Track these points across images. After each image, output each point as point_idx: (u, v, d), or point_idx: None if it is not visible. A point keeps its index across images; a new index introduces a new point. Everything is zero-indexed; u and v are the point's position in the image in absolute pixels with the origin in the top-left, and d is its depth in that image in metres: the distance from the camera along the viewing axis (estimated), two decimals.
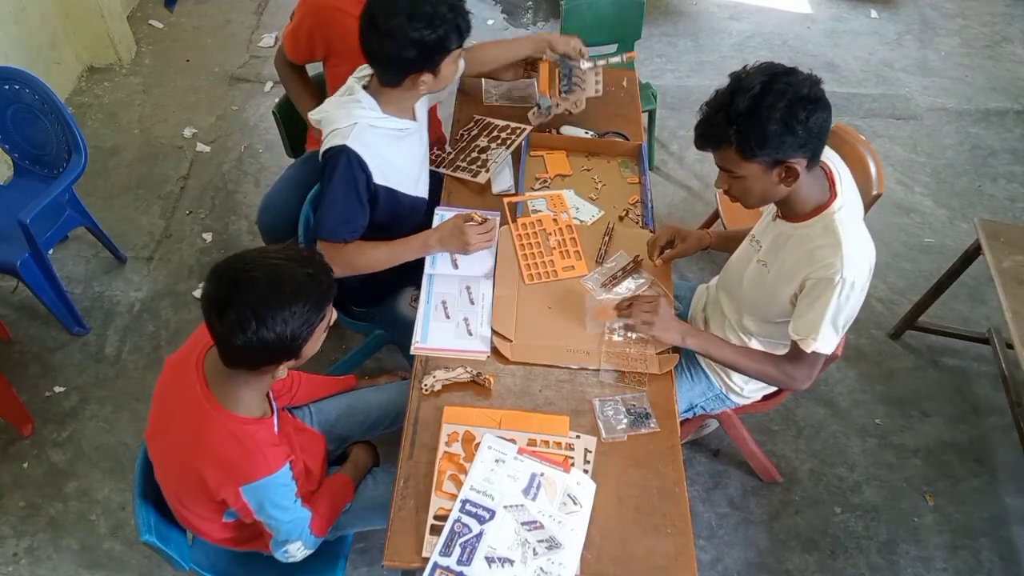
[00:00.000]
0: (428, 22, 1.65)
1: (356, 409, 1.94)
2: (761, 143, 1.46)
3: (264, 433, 1.46)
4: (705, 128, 1.53)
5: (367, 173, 1.81)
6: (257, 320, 1.27)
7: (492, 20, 4.23)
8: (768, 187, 1.56)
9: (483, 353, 1.80)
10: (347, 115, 1.80)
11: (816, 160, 1.54)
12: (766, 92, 1.43)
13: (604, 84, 2.51)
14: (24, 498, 2.35)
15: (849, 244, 1.56)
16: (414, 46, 1.67)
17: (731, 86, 1.48)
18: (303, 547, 1.60)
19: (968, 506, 2.48)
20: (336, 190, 1.80)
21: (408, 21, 1.64)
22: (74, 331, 2.73)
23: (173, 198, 3.20)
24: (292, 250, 1.38)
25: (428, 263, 1.97)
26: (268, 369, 1.38)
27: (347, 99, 1.83)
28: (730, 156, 1.52)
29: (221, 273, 1.32)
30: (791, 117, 1.43)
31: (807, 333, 1.64)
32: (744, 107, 1.44)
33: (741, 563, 2.32)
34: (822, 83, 1.49)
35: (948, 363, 2.85)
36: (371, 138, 1.80)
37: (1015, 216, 3.41)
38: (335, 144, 1.78)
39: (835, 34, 4.31)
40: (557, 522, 1.52)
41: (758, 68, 1.48)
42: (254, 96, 3.67)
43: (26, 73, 2.44)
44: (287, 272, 1.31)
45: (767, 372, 1.76)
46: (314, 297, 1.33)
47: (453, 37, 1.71)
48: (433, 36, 1.67)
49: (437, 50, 1.71)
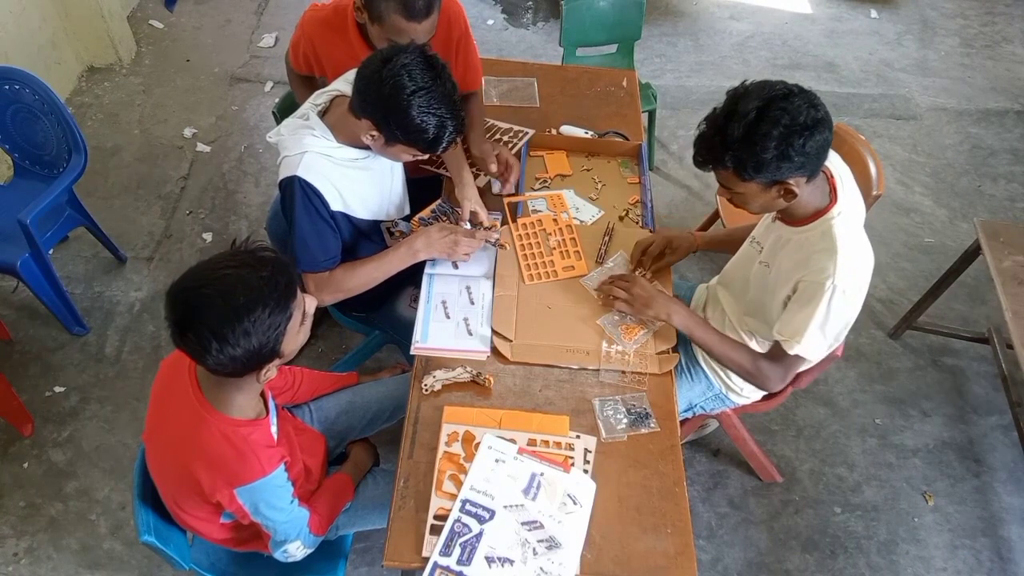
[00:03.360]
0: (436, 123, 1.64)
1: (356, 404, 1.94)
2: (757, 168, 1.46)
3: (258, 435, 1.45)
4: (702, 150, 1.53)
5: (322, 200, 1.77)
6: (218, 340, 1.24)
7: (492, 20, 4.23)
8: (767, 202, 1.57)
9: (483, 353, 1.80)
10: (297, 143, 1.75)
11: (816, 174, 1.54)
12: (762, 119, 1.42)
13: (605, 85, 2.52)
14: (24, 498, 2.35)
15: (844, 251, 1.56)
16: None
17: (727, 108, 1.47)
18: (302, 547, 1.59)
19: (968, 506, 2.48)
20: (302, 222, 1.77)
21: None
22: (74, 331, 2.73)
23: (173, 198, 3.21)
24: (245, 254, 1.32)
25: (428, 263, 1.97)
26: (253, 374, 1.36)
27: (300, 124, 1.78)
28: (727, 176, 1.53)
29: (174, 295, 1.28)
30: (787, 145, 1.42)
31: (792, 335, 1.64)
32: (739, 134, 1.44)
33: (741, 563, 2.32)
34: (818, 103, 1.45)
35: (948, 363, 2.85)
36: (322, 167, 1.75)
37: (1015, 216, 3.41)
38: (286, 175, 1.75)
39: (835, 34, 4.31)
40: (557, 522, 1.52)
41: (755, 89, 1.46)
42: (254, 96, 3.67)
43: (26, 73, 2.44)
44: (239, 281, 1.27)
45: (741, 364, 1.76)
46: (273, 300, 1.28)
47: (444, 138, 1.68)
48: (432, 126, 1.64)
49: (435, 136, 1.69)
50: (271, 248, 1.36)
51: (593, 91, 2.53)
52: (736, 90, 1.48)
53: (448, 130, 1.66)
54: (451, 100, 1.64)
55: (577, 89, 2.53)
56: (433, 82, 1.61)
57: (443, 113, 1.62)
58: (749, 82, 1.49)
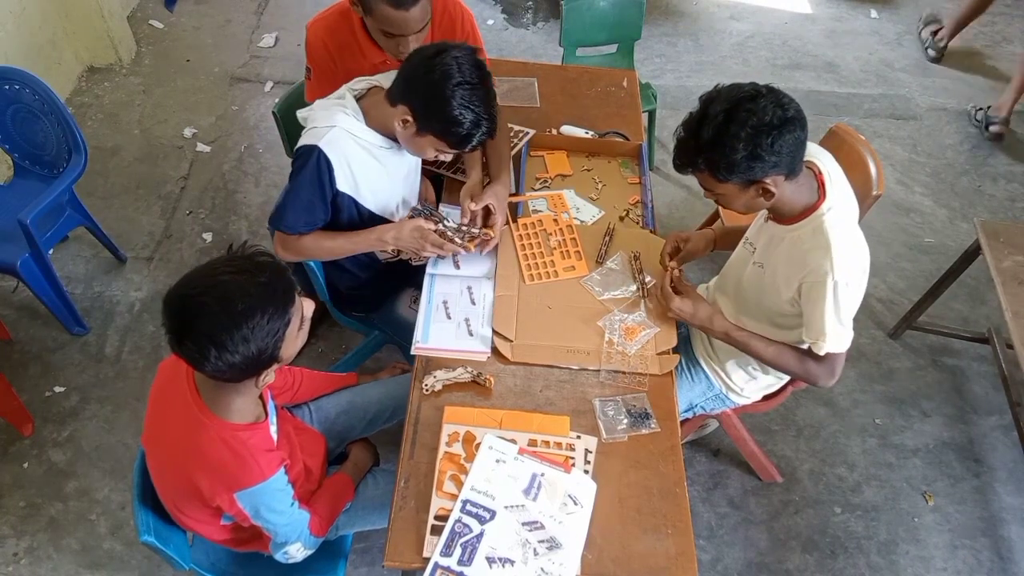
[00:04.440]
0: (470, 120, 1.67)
1: (356, 404, 1.94)
2: (729, 169, 1.50)
3: (257, 439, 1.44)
4: (678, 154, 1.58)
5: (332, 177, 1.79)
6: (216, 347, 1.23)
7: (492, 20, 4.23)
8: (748, 201, 1.60)
9: (484, 353, 1.80)
10: (329, 116, 1.78)
11: (795, 172, 1.55)
12: (730, 120, 1.46)
13: (605, 85, 2.51)
14: (24, 498, 2.35)
15: (838, 246, 1.57)
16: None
17: (699, 112, 1.51)
18: (303, 548, 1.59)
19: (968, 506, 2.48)
20: (301, 186, 1.79)
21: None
22: (74, 331, 2.73)
23: (173, 198, 3.20)
24: (242, 260, 1.31)
25: (430, 264, 1.96)
26: (251, 379, 1.35)
27: (334, 102, 1.82)
28: (705, 179, 1.57)
29: (171, 303, 1.27)
30: (755, 145, 1.45)
31: (816, 337, 1.66)
32: (709, 136, 1.48)
33: (741, 563, 2.32)
34: (786, 102, 1.47)
35: (948, 363, 2.85)
36: (345, 145, 1.77)
37: (1015, 216, 3.41)
38: (308, 143, 1.77)
39: (835, 34, 4.31)
40: (558, 522, 1.52)
41: (724, 92, 1.50)
42: (254, 96, 3.67)
43: (26, 73, 2.44)
44: (237, 288, 1.25)
45: (788, 364, 1.77)
46: (272, 306, 1.27)
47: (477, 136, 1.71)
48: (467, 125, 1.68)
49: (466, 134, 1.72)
50: (268, 252, 1.35)
51: (593, 91, 2.53)
52: (707, 94, 1.52)
53: (481, 129, 1.69)
54: (490, 103, 1.69)
55: (577, 89, 2.53)
56: (480, 81, 1.66)
57: (481, 112, 1.66)
58: (721, 86, 1.53)
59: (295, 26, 2.10)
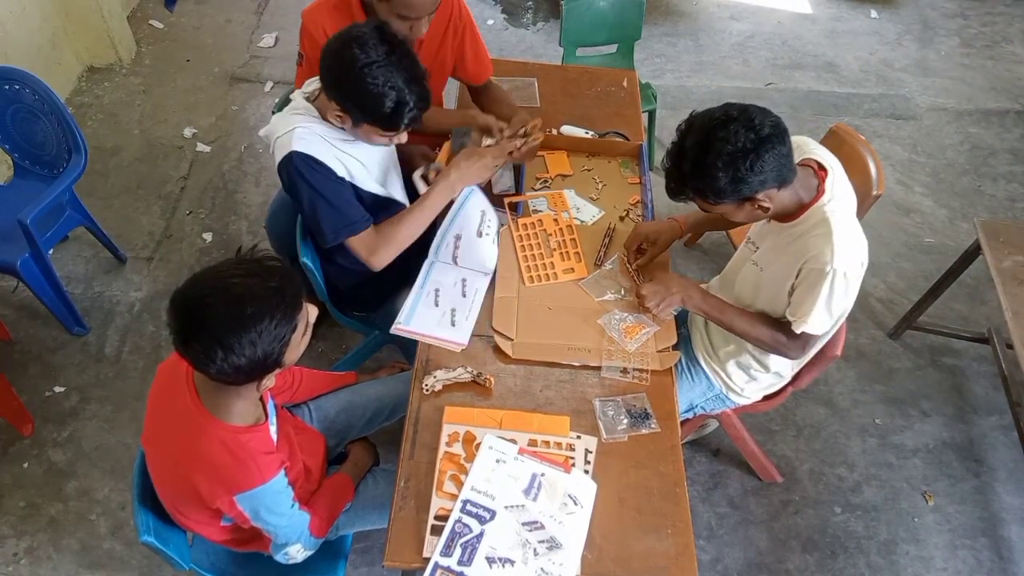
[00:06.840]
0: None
1: (355, 403, 1.94)
2: (718, 196, 1.53)
3: (256, 442, 1.44)
4: (668, 184, 1.61)
5: (327, 166, 1.76)
6: (223, 349, 1.23)
7: (492, 20, 4.23)
8: (747, 215, 1.62)
9: (459, 345, 1.80)
10: (286, 122, 1.77)
11: (787, 181, 1.56)
12: (705, 151, 1.48)
13: (605, 85, 2.51)
14: (24, 498, 2.34)
15: (839, 234, 1.59)
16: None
17: (677, 145, 1.55)
18: (303, 549, 1.59)
19: (968, 506, 2.48)
20: (319, 191, 1.76)
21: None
22: (74, 331, 2.72)
23: (173, 198, 3.20)
24: (252, 263, 1.31)
25: (432, 253, 1.96)
26: (253, 383, 1.35)
27: (288, 108, 1.81)
28: (699, 203, 1.60)
29: (179, 304, 1.27)
30: (735, 170, 1.47)
31: (799, 316, 1.68)
32: (689, 169, 1.52)
33: (741, 563, 2.32)
34: (759, 123, 1.47)
35: (948, 363, 2.85)
36: (313, 139, 1.75)
37: (1015, 216, 3.41)
38: (283, 154, 1.74)
39: (835, 34, 4.31)
40: (558, 522, 1.52)
41: (698, 122, 1.52)
42: (254, 96, 3.67)
43: (26, 73, 2.44)
44: (247, 291, 1.25)
45: (761, 334, 1.78)
46: (280, 311, 1.27)
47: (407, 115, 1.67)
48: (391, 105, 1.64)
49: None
50: (277, 257, 1.35)
51: (593, 91, 2.53)
52: (682, 125, 1.55)
53: (408, 105, 1.63)
54: (410, 74, 1.62)
55: (577, 89, 2.53)
56: (388, 56, 1.60)
57: (400, 82, 1.60)
58: (695, 113, 1.55)
59: (295, 26, 2.09)
